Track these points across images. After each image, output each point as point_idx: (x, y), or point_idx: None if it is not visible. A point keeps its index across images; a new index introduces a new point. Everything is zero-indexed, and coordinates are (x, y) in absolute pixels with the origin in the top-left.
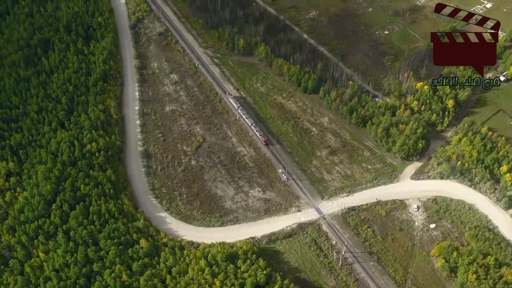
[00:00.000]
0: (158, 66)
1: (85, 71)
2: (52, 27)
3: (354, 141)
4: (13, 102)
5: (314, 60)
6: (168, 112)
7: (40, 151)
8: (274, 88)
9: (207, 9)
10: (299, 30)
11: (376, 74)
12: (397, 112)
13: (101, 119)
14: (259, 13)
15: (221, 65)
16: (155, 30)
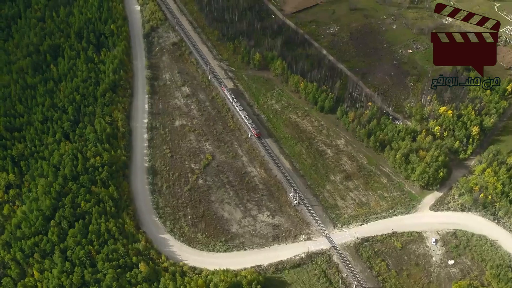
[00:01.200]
0: (170, 77)
1: (94, 81)
2: (64, 33)
3: (371, 166)
4: (18, 110)
5: (332, 78)
6: (178, 126)
7: (42, 163)
8: (289, 105)
9: (223, 20)
10: (318, 46)
11: (397, 95)
12: (418, 137)
13: (107, 132)
14: (278, 26)
15: (235, 79)
16: (169, 40)
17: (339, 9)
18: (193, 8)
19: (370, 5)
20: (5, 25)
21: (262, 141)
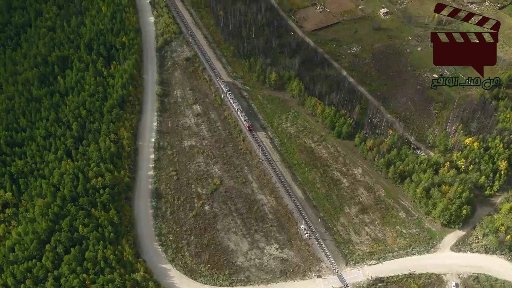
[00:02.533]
0: (181, 94)
1: (101, 95)
2: (73, 44)
3: (389, 199)
4: (21, 124)
5: (352, 102)
6: (186, 147)
7: (41, 182)
8: (304, 129)
9: (240, 36)
10: (338, 66)
11: (420, 123)
12: (441, 170)
13: (111, 151)
14: (296, 44)
15: (249, 99)
16: (182, 54)
17: (362, 28)
18: (209, 21)
19: (395, 25)
20: (14, 34)
21: (274, 167)
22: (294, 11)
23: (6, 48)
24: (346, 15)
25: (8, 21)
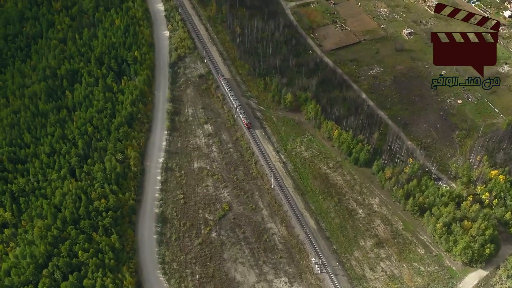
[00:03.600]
0: (192, 113)
1: (110, 112)
2: (84, 57)
3: (407, 233)
4: (25, 140)
5: (370, 127)
6: (195, 169)
7: (42, 202)
8: (320, 154)
9: (256, 53)
10: (357, 88)
11: (443, 152)
12: (463, 204)
13: (116, 171)
14: (314, 64)
15: (263, 120)
16: (196, 71)
17: (384, 49)
18: (225, 37)
19: (419, 47)
20: (25, 45)
21: (286, 194)
22: (313, 29)
23: (15, 59)
24: (367, 35)
25: (19, 32)
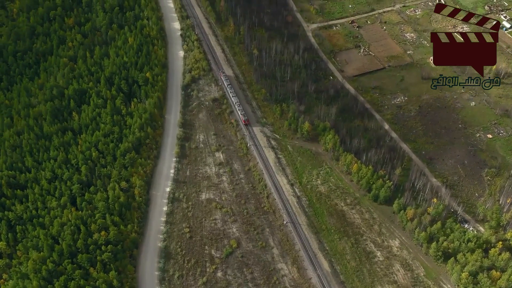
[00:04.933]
0: (204, 139)
1: (117, 136)
2: (94, 77)
3: (429, 280)
4: (26, 163)
5: (392, 161)
6: (203, 201)
7: (39, 232)
8: (337, 189)
9: (273, 78)
10: (380, 118)
11: (470, 192)
12: (492, 251)
13: (120, 201)
14: (335, 91)
15: (278, 150)
16: (209, 94)
17: (409, 77)
18: (242, 59)
19: (446, 75)
20: (34, 62)
21: (299, 231)
22: (335, 53)
23: (23, 77)
24: (392, 61)
25: (29, 48)
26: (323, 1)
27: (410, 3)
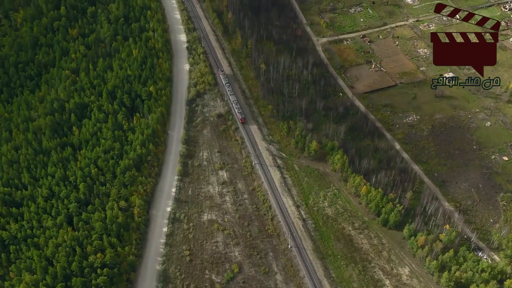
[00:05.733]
0: (207, 157)
1: (117, 153)
2: (96, 90)
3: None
4: (23, 180)
5: (403, 184)
6: (205, 222)
7: (33, 252)
8: (345, 212)
9: (281, 93)
10: (390, 137)
11: (484, 217)
12: (507, 282)
13: (118, 222)
14: (344, 108)
15: (284, 169)
16: (214, 110)
17: (422, 94)
18: (249, 74)
19: (461, 94)
20: (36, 73)
21: (304, 257)
22: (345, 69)
23: (24, 89)
24: (404, 77)
25: (31, 59)
26: (334, 14)
27: (423, 17)
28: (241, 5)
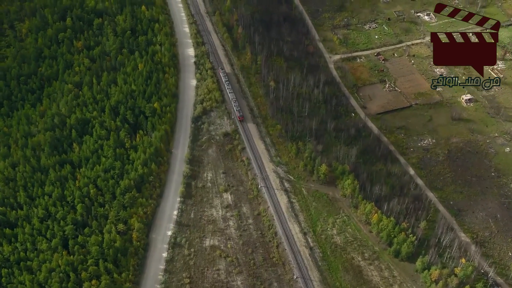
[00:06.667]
0: (212, 178)
1: (118, 172)
2: (98, 105)
3: None
4: (19, 199)
5: (417, 212)
6: (207, 248)
7: (26, 277)
8: (354, 241)
9: (290, 112)
10: (404, 162)
11: (503, 250)
12: None
13: (115, 246)
14: (356, 129)
15: (291, 193)
16: (221, 128)
17: (438, 117)
18: (258, 91)
19: (479, 117)
20: (38, 87)
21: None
22: (358, 88)
23: (25, 102)
24: (420, 98)
25: (34, 72)
26: (348, 31)
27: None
28: (251, 20)
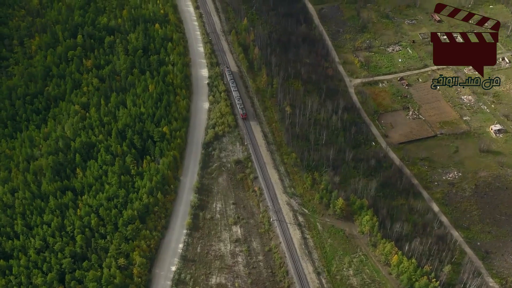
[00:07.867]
0: (221, 209)
1: (121, 201)
2: (105, 128)
3: None
4: (16, 228)
5: (441, 254)
6: (213, 286)
7: None
8: (372, 283)
9: (307, 140)
10: (428, 197)
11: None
12: None
13: (114, 283)
14: (376, 160)
15: (305, 228)
16: (233, 155)
17: (465, 148)
18: (273, 116)
19: (509, 149)
20: (44, 107)
21: None
22: (379, 115)
23: (30, 123)
24: (445, 127)
25: (40, 91)
26: (370, 53)
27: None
28: (269, 40)
